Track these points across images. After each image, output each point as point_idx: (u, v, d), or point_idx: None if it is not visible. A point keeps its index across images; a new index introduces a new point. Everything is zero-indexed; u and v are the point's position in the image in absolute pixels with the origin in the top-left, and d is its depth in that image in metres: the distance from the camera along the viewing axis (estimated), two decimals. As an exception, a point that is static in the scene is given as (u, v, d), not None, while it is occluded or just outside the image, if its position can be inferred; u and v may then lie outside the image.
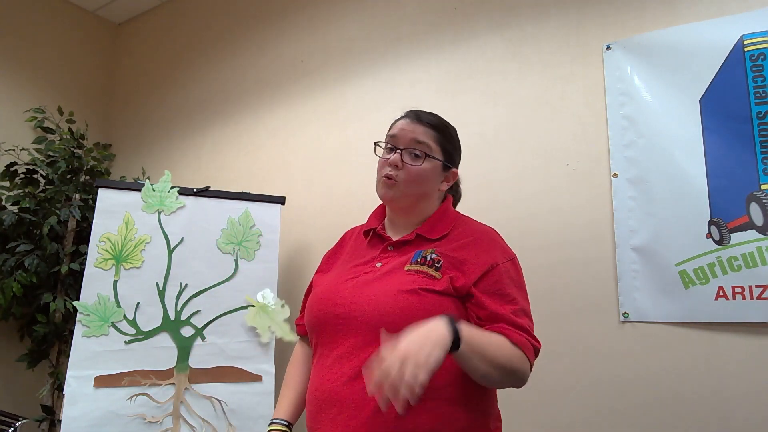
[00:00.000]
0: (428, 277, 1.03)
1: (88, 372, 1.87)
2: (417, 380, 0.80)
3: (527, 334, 1.01)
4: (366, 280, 1.08)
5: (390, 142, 1.14)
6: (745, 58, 1.56)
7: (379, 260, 1.11)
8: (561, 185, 1.82)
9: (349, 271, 1.13)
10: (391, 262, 1.09)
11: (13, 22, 3.00)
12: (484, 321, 1.01)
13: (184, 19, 3.19)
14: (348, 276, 1.11)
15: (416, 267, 1.05)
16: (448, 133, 1.19)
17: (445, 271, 1.04)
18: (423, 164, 1.11)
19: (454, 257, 1.06)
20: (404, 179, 1.11)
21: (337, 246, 1.30)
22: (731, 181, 1.54)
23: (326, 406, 1.01)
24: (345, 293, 1.07)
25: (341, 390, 0.99)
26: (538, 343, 1.03)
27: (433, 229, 1.12)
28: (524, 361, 0.99)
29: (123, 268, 2.00)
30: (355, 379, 0.98)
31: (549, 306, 1.76)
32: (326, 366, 1.04)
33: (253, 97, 2.74)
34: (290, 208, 2.34)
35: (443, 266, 1.05)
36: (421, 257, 1.07)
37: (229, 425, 1.93)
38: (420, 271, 1.05)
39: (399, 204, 1.14)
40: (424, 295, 1.00)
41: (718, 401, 1.50)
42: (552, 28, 1.92)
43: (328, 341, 1.06)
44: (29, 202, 2.63)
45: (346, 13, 2.49)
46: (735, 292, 1.51)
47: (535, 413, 1.74)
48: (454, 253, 1.07)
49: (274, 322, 2.06)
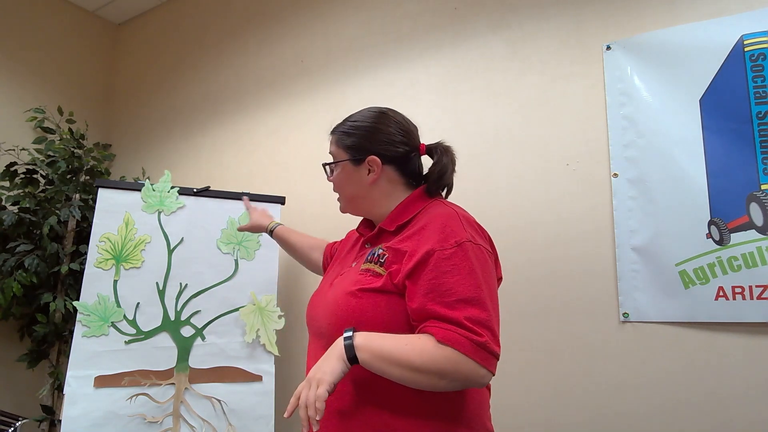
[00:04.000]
0: (373, 275, 1.01)
1: (88, 372, 1.87)
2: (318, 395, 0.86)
3: (462, 328, 0.88)
4: (335, 282, 1.12)
5: None
6: (745, 58, 1.56)
7: (356, 259, 1.14)
8: (561, 185, 1.82)
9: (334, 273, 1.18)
10: (360, 261, 1.11)
11: (13, 23, 3.00)
12: (415, 318, 0.94)
13: (184, 19, 3.19)
14: (332, 278, 1.16)
15: (366, 266, 1.04)
16: (346, 128, 1.15)
17: (389, 265, 1.00)
18: (334, 174, 1.17)
19: (397, 249, 1.01)
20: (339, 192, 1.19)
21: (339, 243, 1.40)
22: (731, 181, 1.54)
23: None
24: (318, 297, 1.15)
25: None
26: (479, 337, 0.87)
27: (393, 220, 1.09)
28: (457, 360, 0.87)
29: (123, 268, 2.00)
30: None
31: (549, 306, 1.76)
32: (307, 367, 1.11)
33: (253, 97, 2.74)
34: (290, 208, 2.35)
35: (387, 261, 1.01)
36: (373, 254, 1.05)
37: (229, 425, 1.93)
38: (368, 269, 1.03)
39: (352, 213, 1.21)
40: (361, 296, 0.99)
41: (718, 401, 1.50)
42: (552, 28, 1.92)
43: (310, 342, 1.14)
44: (29, 202, 2.63)
45: (346, 13, 2.49)
46: (735, 292, 1.51)
47: (534, 413, 1.74)
48: (399, 245, 1.01)
49: (264, 328, 2.06)
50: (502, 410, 1.10)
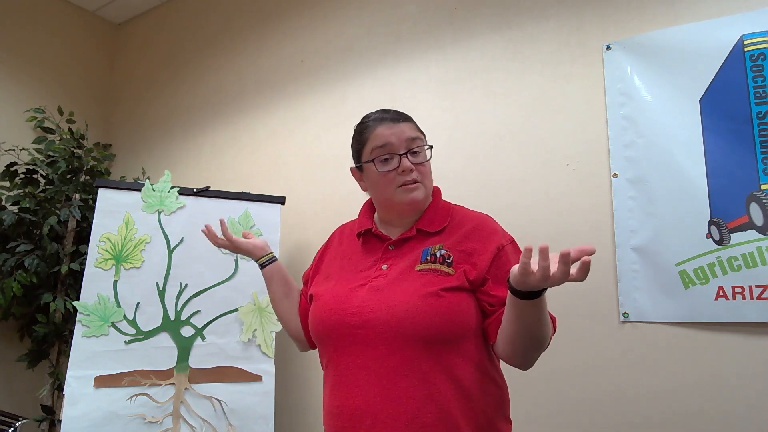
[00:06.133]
0: (442, 275, 1.01)
1: (88, 372, 1.87)
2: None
3: None
4: (377, 286, 1.04)
5: (383, 153, 1.08)
6: (745, 58, 1.56)
7: (384, 262, 1.08)
8: (561, 185, 1.82)
9: (356, 277, 1.09)
10: (398, 262, 1.06)
11: (13, 23, 3.00)
12: (498, 305, 0.99)
13: (184, 19, 3.19)
14: (356, 283, 1.07)
15: (428, 266, 1.03)
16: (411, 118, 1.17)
17: (457, 265, 1.02)
18: (428, 158, 1.11)
19: (462, 250, 1.05)
20: (424, 178, 1.10)
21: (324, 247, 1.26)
22: (731, 181, 1.54)
23: (356, 419, 0.98)
24: (357, 302, 1.03)
25: (373, 401, 0.97)
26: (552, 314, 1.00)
27: (432, 221, 1.10)
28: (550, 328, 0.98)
29: (123, 268, 2.00)
30: (387, 389, 0.96)
31: (549, 306, 1.76)
32: (349, 379, 1.00)
33: (253, 97, 2.74)
34: (290, 208, 2.35)
35: (454, 261, 1.03)
36: (431, 255, 1.04)
37: (229, 425, 1.93)
38: (433, 269, 1.02)
39: (424, 204, 1.12)
40: (443, 295, 0.99)
41: (718, 401, 1.50)
42: (552, 28, 1.92)
43: (345, 352, 1.02)
44: (29, 202, 2.63)
45: (346, 12, 2.49)
46: (735, 292, 1.51)
47: (534, 412, 1.74)
48: (461, 245, 1.05)
49: (262, 329, 2.06)
50: (502, 410, 1.10)
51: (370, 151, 1.10)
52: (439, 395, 0.96)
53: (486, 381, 1.02)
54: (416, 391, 0.95)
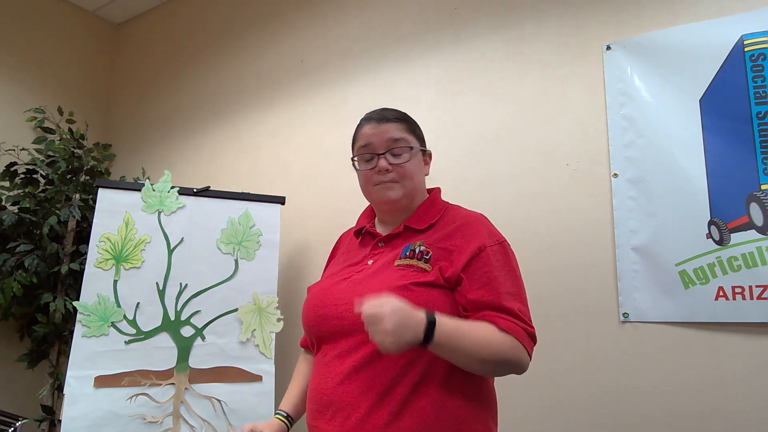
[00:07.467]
0: (418, 270, 1.02)
1: (88, 372, 1.87)
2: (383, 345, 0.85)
3: (517, 319, 0.97)
4: (357, 279, 1.07)
5: (365, 152, 1.12)
6: (745, 58, 1.56)
7: (371, 257, 1.11)
8: (561, 185, 1.82)
9: (342, 271, 1.14)
10: (382, 258, 1.09)
11: (13, 23, 3.00)
12: (470, 308, 0.99)
13: (183, 19, 3.19)
14: (341, 276, 1.12)
15: (406, 261, 1.05)
16: (411, 120, 1.18)
17: (435, 262, 1.03)
18: (409, 158, 1.12)
19: (443, 247, 1.05)
20: (402, 178, 1.11)
21: (333, 251, 1.30)
22: (731, 181, 1.54)
23: (323, 406, 1.01)
24: (338, 294, 1.07)
25: (334, 390, 1.00)
26: (531, 328, 0.99)
27: (421, 219, 1.11)
28: (516, 348, 0.95)
29: (123, 268, 2.00)
30: (348, 378, 0.99)
31: (549, 306, 1.76)
32: (323, 365, 1.05)
33: (253, 97, 2.74)
34: (290, 208, 2.34)
35: (432, 257, 1.03)
36: (410, 251, 1.06)
37: (229, 425, 1.93)
38: (410, 265, 1.04)
39: (401, 203, 1.13)
40: (414, 290, 0.99)
41: (718, 401, 1.50)
42: (552, 28, 1.92)
43: (327, 342, 1.07)
44: (29, 202, 2.63)
45: (346, 13, 2.49)
46: (735, 292, 1.51)
47: (534, 412, 1.74)
48: (442, 242, 1.05)
49: (261, 329, 2.06)
50: (501, 409, 1.10)
51: (356, 149, 1.15)
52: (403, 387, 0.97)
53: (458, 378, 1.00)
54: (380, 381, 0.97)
